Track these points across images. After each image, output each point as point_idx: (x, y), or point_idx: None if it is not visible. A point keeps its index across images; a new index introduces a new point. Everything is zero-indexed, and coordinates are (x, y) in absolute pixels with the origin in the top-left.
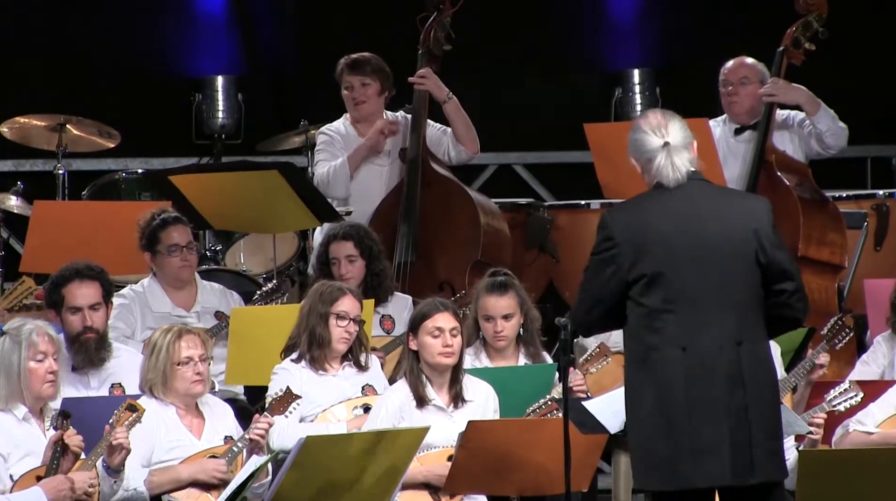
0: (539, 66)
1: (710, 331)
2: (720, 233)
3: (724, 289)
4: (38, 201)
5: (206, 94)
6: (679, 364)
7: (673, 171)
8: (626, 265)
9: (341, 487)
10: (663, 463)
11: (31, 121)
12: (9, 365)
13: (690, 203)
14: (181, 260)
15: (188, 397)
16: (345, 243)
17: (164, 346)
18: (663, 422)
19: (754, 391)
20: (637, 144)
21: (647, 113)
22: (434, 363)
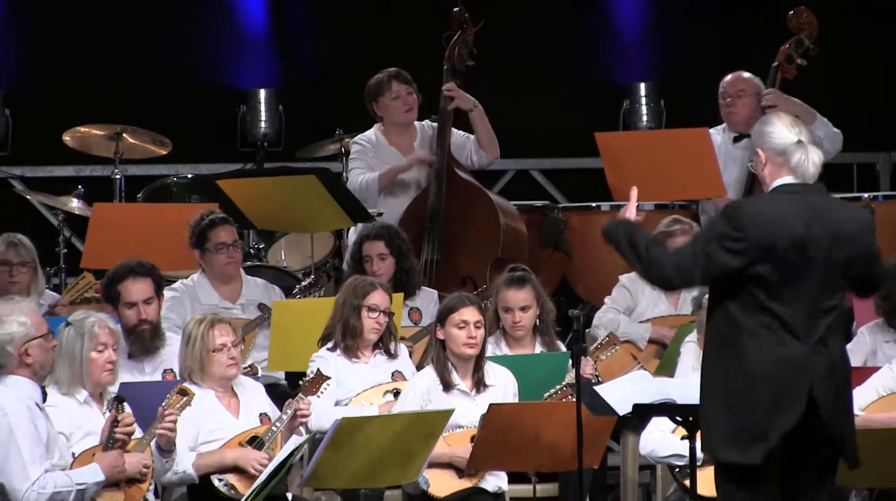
0: (554, 79)
1: (803, 331)
2: (833, 243)
3: (826, 293)
4: (97, 203)
5: (249, 105)
6: (776, 353)
7: (813, 167)
8: (748, 259)
9: (373, 464)
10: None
11: (90, 130)
12: (72, 354)
13: (813, 211)
14: (227, 257)
15: (224, 380)
16: (376, 242)
17: (199, 335)
18: (749, 404)
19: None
20: (770, 137)
21: (777, 113)
22: (459, 353)
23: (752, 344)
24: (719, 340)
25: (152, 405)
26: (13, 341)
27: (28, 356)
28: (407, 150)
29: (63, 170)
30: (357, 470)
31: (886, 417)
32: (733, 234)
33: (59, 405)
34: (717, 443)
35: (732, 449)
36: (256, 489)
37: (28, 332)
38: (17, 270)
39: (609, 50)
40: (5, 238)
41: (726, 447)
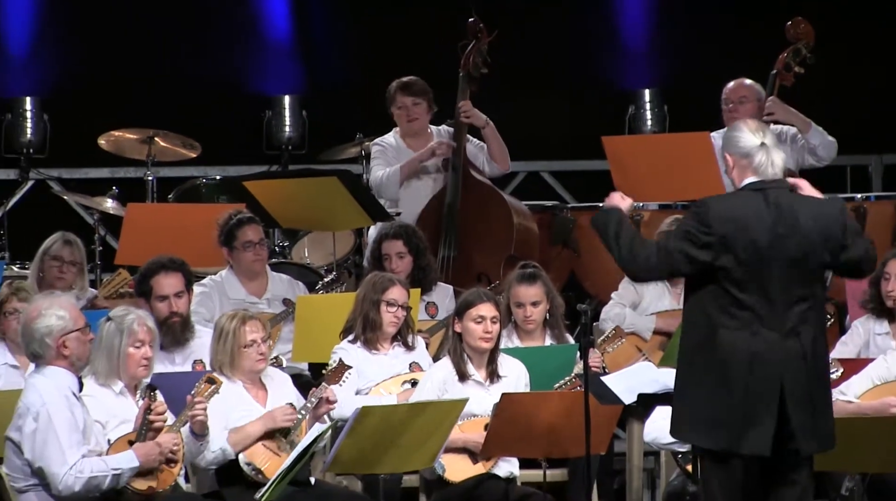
0: (563, 87)
1: (776, 321)
2: (801, 236)
3: (795, 285)
4: (130, 203)
5: (275, 111)
6: (746, 346)
7: (773, 167)
8: (716, 253)
9: (392, 450)
10: (717, 428)
11: (124, 134)
12: (110, 347)
13: (778, 207)
14: (254, 254)
15: (253, 373)
16: (395, 241)
17: (231, 331)
18: (723, 393)
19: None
20: (735, 141)
21: (745, 119)
22: (475, 346)
23: (724, 336)
24: (694, 332)
25: (183, 394)
26: (52, 333)
27: (66, 348)
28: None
29: (98, 172)
30: (377, 456)
31: (879, 404)
32: (701, 229)
33: (97, 395)
34: (693, 429)
35: (708, 436)
36: (282, 473)
37: (66, 325)
38: (66, 267)
39: (615, 58)
40: (62, 236)
41: (702, 433)
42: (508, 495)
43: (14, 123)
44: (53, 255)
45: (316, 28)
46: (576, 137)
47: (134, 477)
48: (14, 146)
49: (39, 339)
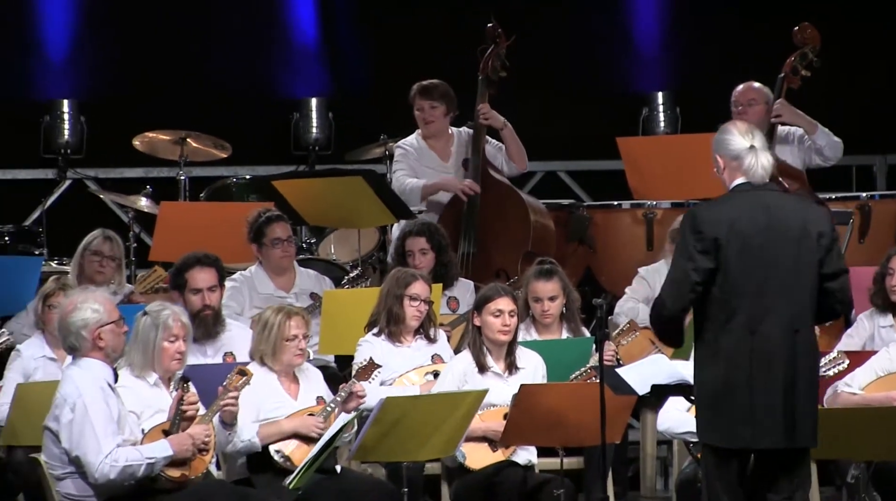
0: (579, 89)
1: (773, 319)
2: (788, 235)
3: (787, 284)
4: (163, 201)
5: (302, 113)
6: (746, 344)
7: (761, 169)
8: (712, 257)
9: (415, 439)
10: (725, 425)
11: (158, 135)
12: (146, 341)
13: (765, 207)
14: (282, 251)
15: (289, 367)
16: (418, 238)
17: (276, 323)
18: (729, 391)
19: (804, 372)
20: (726, 143)
21: (735, 121)
22: (494, 339)
23: (725, 336)
24: (701, 333)
25: (214, 385)
26: (87, 326)
27: (101, 340)
28: (444, 154)
29: (133, 171)
30: (400, 445)
31: (883, 396)
32: (695, 237)
33: (132, 386)
34: (712, 429)
35: (725, 435)
36: (309, 461)
37: (101, 318)
38: (106, 262)
39: (629, 63)
40: (102, 232)
41: (709, 430)
42: (527, 482)
43: (52, 124)
44: (94, 250)
45: (342, 33)
46: (591, 138)
47: (167, 465)
48: (52, 147)
49: (76, 332)
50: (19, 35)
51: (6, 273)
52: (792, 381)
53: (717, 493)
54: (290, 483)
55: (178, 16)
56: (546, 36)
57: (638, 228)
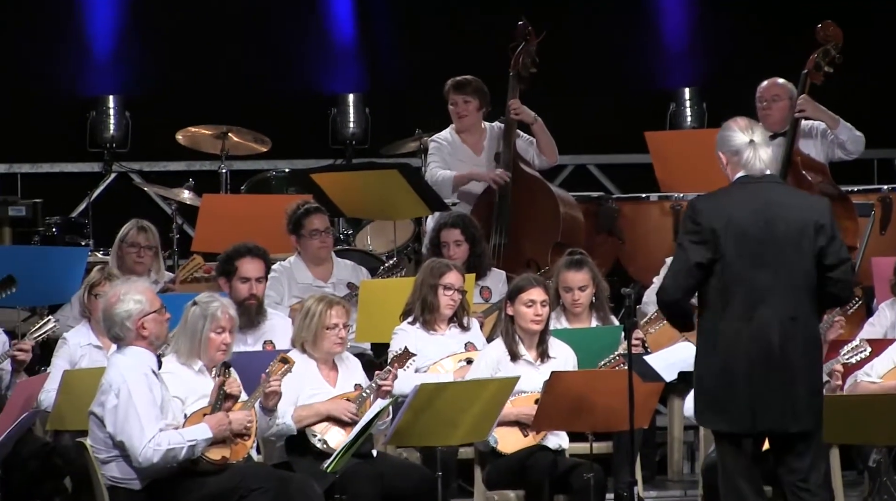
0: (609, 85)
1: (770, 307)
2: (785, 226)
3: (784, 273)
4: (205, 194)
5: (340, 108)
6: (744, 332)
7: (759, 163)
8: (708, 245)
9: (448, 424)
10: (725, 410)
11: (200, 130)
12: (194, 330)
13: (763, 198)
14: (320, 242)
15: (329, 355)
16: (453, 229)
17: (318, 312)
18: (728, 377)
19: (803, 358)
20: (726, 140)
21: (736, 118)
22: (526, 328)
23: (724, 324)
24: (701, 321)
25: (254, 372)
26: (131, 316)
27: (144, 329)
28: (477, 148)
29: (176, 165)
30: (434, 430)
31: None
32: (694, 228)
33: (177, 373)
34: (712, 414)
35: (725, 420)
36: (346, 445)
37: (144, 308)
38: (143, 252)
39: (657, 60)
40: (135, 223)
41: (710, 416)
42: (557, 466)
43: (98, 119)
44: (130, 242)
45: (378, 31)
46: (620, 132)
47: (209, 448)
48: (98, 141)
49: (120, 323)
50: (67, 34)
51: (53, 264)
52: (790, 367)
53: (732, 475)
54: (328, 467)
55: (221, 15)
56: (576, 33)
57: (665, 219)
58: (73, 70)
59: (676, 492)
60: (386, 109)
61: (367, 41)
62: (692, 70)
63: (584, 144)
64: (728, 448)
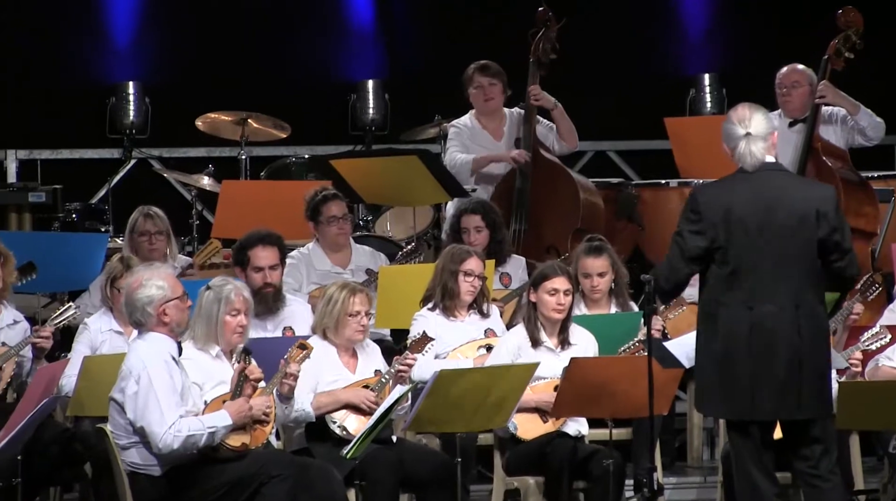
0: (628, 71)
1: (772, 295)
2: (786, 214)
3: (786, 261)
4: (225, 180)
5: (359, 94)
6: (745, 320)
7: (750, 157)
8: (709, 236)
9: (468, 410)
10: (722, 397)
11: (220, 116)
12: (209, 314)
13: (764, 187)
14: (338, 228)
15: (350, 342)
16: (474, 215)
17: (341, 299)
18: (728, 365)
19: (808, 345)
20: (726, 133)
21: (738, 106)
22: (548, 316)
23: (724, 312)
24: (703, 309)
25: (274, 358)
26: (152, 302)
27: (165, 316)
28: (497, 134)
29: (196, 151)
30: (453, 416)
31: None
32: (692, 217)
33: (195, 358)
34: (710, 402)
35: (723, 407)
36: (366, 432)
37: (165, 294)
38: (154, 238)
39: (677, 46)
40: (141, 211)
41: (718, 405)
42: (577, 452)
43: (118, 106)
44: (139, 231)
45: (397, 17)
46: (640, 118)
47: (228, 434)
48: (118, 127)
49: (141, 308)
50: (86, 20)
51: (73, 250)
52: (793, 355)
53: (742, 461)
54: (347, 453)
55: (240, 1)
56: (596, 19)
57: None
58: (93, 56)
59: (696, 478)
60: (405, 95)
61: (386, 27)
62: (712, 56)
63: (603, 130)
64: (736, 434)
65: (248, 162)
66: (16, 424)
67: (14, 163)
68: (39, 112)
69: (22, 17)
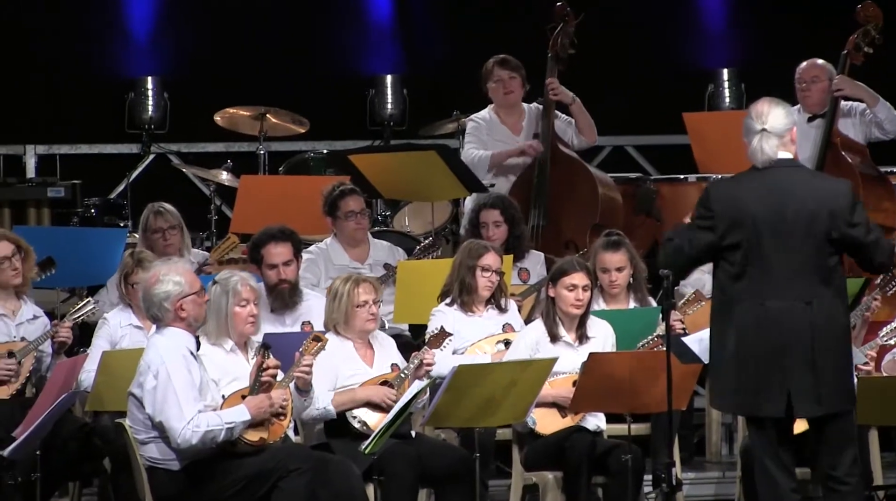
0: (647, 66)
1: (783, 291)
2: (798, 212)
3: (798, 258)
4: (244, 175)
5: (377, 89)
6: (756, 315)
7: (761, 154)
8: (719, 232)
9: (486, 406)
10: (734, 393)
11: (238, 111)
12: (218, 309)
13: (775, 184)
14: (356, 223)
15: (363, 333)
16: (493, 210)
17: (345, 292)
18: (738, 360)
19: (823, 341)
20: (744, 128)
21: (759, 100)
22: (566, 311)
23: (737, 308)
24: (716, 306)
25: (292, 352)
26: (169, 298)
27: (182, 311)
28: (515, 128)
29: (214, 146)
30: (472, 411)
31: None
32: (704, 213)
33: (209, 354)
34: (720, 397)
35: (731, 403)
36: (384, 427)
37: (182, 290)
38: (168, 234)
39: (695, 40)
40: (151, 208)
41: (727, 400)
42: (595, 447)
43: (137, 101)
44: (152, 229)
45: (416, 12)
46: (658, 113)
47: (246, 429)
48: (136, 122)
49: (158, 303)
50: (105, 15)
51: (92, 245)
52: (805, 352)
53: (760, 455)
54: (366, 448)
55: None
56: (614, 14)
57: None
58: (112, 51)
59: (714, 474)
60: (423, 90)
61: (404, 22)
62: (731, 51)
63: (622, 125)
64: (753, 428)
65: (267, 157)
66: (35, 419)
67: (33, 158)
68: (58, 107)
69: (40, 13)
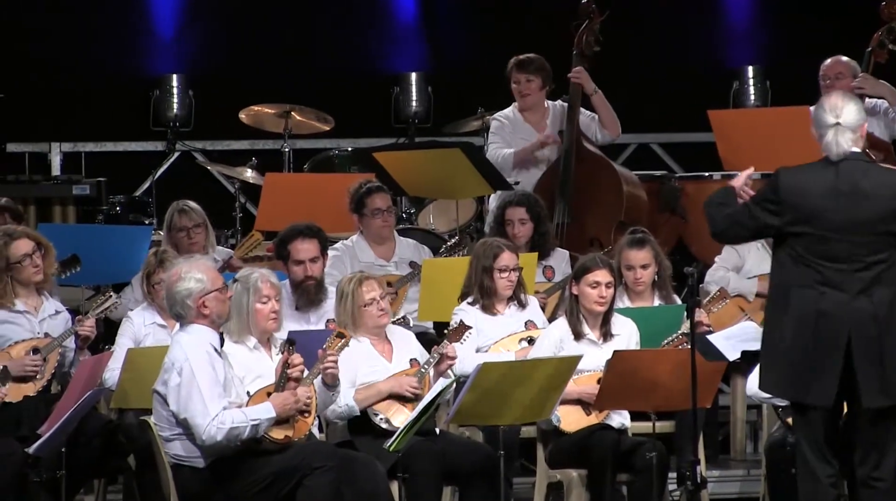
0: (672, 64)
1: (844, 282)
2: (865, 206)
3: (861, 252)
4: (268, 173)
5: (402, 87)
6: (814, 304)
7: (836, 147)
8: (785, 220)
9: (511, 403)
10: (785, 378)
11: (263, 109)
12: (239, 306)
13: (846, 179)
14: (382, 221)
15: (378, 328)
16: (519, 208)
17: (350, 293)
18: (793, 348)
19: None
20: (816, 119)
21: (832, 93)
22: (590, 309)
23: (796, 294)
24: (774, 287)
25: (317, 349)
26: (192, 295)
27: (205, 308)
28: (539, 126)
29: (239, 144)
30: (496, 409)
31: None
32: (771, 197)
33: (232, 353)
34: (770, 381)
35: (780, 388)
36: (409, 424)
37: (204, 287)
38: (193, 232)
39: (720, 38)
40: (175, 207)
41: (777, 385)
42: (620, 444)
43: (161, 98)
44: (177, 228)
45: (441, 10)
46: (683, 111)
47: (271, 427)
48: (161, 120)
49: (181, 301)
50: (130, 13)
51: (117, 243)
52: (867, 344)
53: (800, 443)
54: (391, 446)
55: None
56: (639, 11)
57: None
58: (137, 49)
59: (739, 472)
60: (448, 88)
61: (429, 19)
62: (756, 48)
63: (646, 122)
64: (796, 416)
65: (292, 155)
66: (60, 416)
67: (58, 156)
68: (83, 105)
69: (66, 10)
